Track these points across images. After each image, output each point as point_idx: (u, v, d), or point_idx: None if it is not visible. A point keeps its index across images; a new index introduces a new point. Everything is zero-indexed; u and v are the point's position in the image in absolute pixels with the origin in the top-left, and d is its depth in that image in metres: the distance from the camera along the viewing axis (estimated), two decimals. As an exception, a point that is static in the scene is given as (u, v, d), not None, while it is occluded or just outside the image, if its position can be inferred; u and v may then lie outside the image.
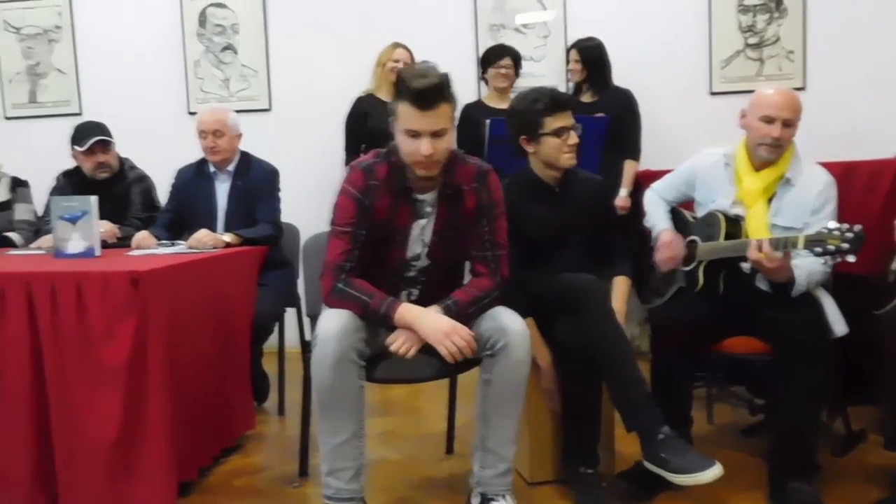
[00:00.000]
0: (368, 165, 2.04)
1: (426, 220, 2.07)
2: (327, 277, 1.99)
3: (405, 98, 1.90)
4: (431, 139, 1.90)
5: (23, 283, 2.14)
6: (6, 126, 4.47)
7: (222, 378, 2.56)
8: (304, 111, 4.31)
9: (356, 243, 2.00)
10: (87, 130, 3.22)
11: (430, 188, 2.05)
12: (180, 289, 2.29)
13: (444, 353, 1.89)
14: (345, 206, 2.01)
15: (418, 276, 2.12)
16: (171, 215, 3.16)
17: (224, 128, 3.09)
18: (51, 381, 2.13)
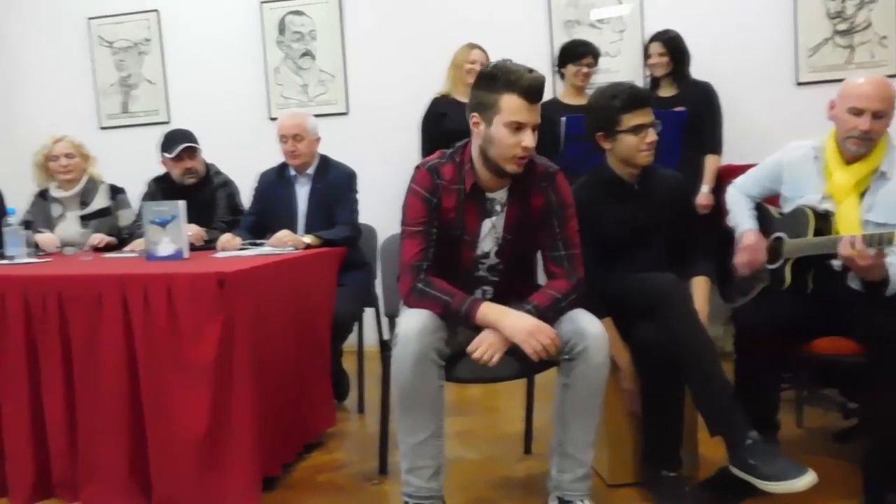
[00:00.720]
0: (433, 165, 2.05)
1: (496, 219, 2.06)
2: (406, 278, 2.00)
3: (513, 91, 1.89)
4: (532, 132, 1.92)
5: (118, 285, 2.24)
6: (101, 136, 4.70)
7: (304, 376, 2.62)
8: (381, 114, 4.37)
9: (429, 242, 2.01)
10: (176, 138, 3.35)
11: (499, 186, 2.04)
12: (264, 289, 2.35)
13: (528, 351, 1.88)
14: (414, 206, 2.02)
15: (488, 274, 2.11)
16: (254, 218, 3.25)
17: (303, 132, 3.16)
18: (144, 377, 2.23)
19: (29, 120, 4.82)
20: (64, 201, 3.47)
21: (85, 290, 2.27)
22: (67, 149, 3.43)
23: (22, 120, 4.86)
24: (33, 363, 2.33)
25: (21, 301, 2.32)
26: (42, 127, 4.58)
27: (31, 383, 2.33)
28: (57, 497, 2.37)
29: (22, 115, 4.87)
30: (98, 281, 2.27)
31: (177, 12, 4.64)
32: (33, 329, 2.32)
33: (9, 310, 2.33)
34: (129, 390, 2.25)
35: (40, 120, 4.76)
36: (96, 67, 4.77)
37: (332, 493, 2.38)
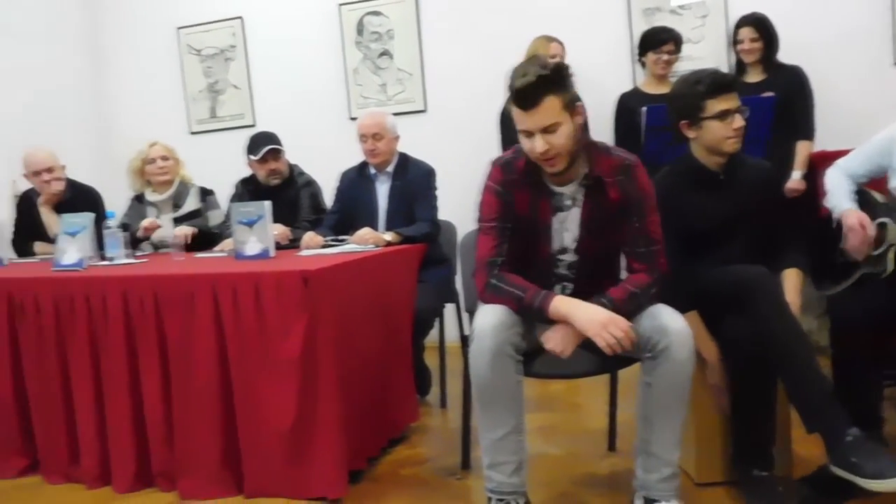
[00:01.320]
0: (507, 161, 2.03)
1: (567, 213, 2.03)
2: (480, 274, 2.00)
3: (512, 100, 1.88)
4: (543, 136, 1.87)
5: (209, 284, 2.33)
6: (191, 140, 4.89)
7: (387, 371, 2.65)
8: (459, 110, 4.38)
9: (504, 238, 2.00)
10: (260, 140, 3.45)
11: (567, 181, 2.01)
12: (346, 286, 2.40)
13: (601, 344, 1.84)
14: (489, 202, 2.02)
15: (568, 271, 2.08)
16: (337, 216, 3.32)
17: (383, 131, 3.20)
18: (234, 372, 2.31)
19: (123, 128, 5.07)
20: (158, 204, 3.63)
21: (178, 289, 2.36)
22: (162, 152, 3.61)
23: (117, 128, 5.11)
24: (132, 359, 2.45)
25: (121, 300, 2.44)
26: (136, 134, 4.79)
27: (131, 378, 2.45)
28: (156, 486, 2.48)
29: (117, 124, 5.12)
30: (191, 280, 2.36)
31: (259, 18, 4.78)
32: (132, 326, 2.44)
33: (109, 308, 2.45)
34: (221, 385, 2.33)
35: (134, 128, 5.00)
36: (185, 75, 4.97)
37: (415, 487, 2.40)
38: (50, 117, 4.69)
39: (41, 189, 3.60)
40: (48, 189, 3.57)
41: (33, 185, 3.65)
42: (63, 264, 2.81)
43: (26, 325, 2.60)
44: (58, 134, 4.49)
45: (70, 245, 2.86)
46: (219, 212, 3.66)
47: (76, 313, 2.51)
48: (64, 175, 3.64)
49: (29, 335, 2.60)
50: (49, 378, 2.58)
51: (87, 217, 2.97)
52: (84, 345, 2.50)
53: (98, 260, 3.00)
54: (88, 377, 2.51)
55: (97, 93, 5.13)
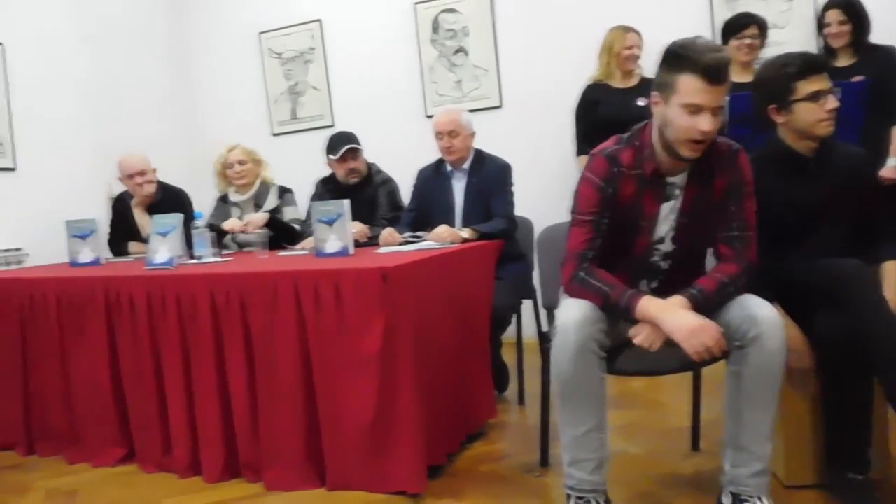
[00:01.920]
0: (611, 152, 1.99)
1: (674, 202, 1.98)
2: (569, 265, 1.97)
3: (691, 70, 1.80)
4: (712, 116, 1.82)
5: (291, 281, 2.39)
6: (273, 141, 5.02)
7: (465, 367, 2.66)
8: (534, 105, 4.34)
9: (598, 232, 1.97)
10: (339, 140, 3.52)
11: (680, 170, 1.96)
12: (424, 282, 2.41)
13: (690, 352, 1.79)
14: (587, 195, 1.98)
15: (661, 261, 2.04)
16: (414, 213, 3.35)
17: (458, 128, 3.20)
18: (316, 367, 2.36)
19: (209, 131, 5.25)
20: (241, 205, 3.75)
21: (262, 287, 2.43)
22: (240, 156, 3.72)
23: (203, 131, 5.29)
24: (220, 354, 2.53)
25: (208, 297, 2.53)
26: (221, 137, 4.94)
27: (219, 372, 2.54)
28: (243, 477, 2.56)
29: (203, 127, 5.31)
30: (273, 278, 2.42)
31: (337, 20, 4.86)
32: (219, 322, 2.52)
33: (198, 305, 2.55)
34: (304, 379, 2.39)
35: (219, 130, 5.17)
36: (267, 78, 5.10)
37: (494, 483, 2.40)
38: (141, 122, 4.90)
39: (134, 191, 3.77)
40: (141, 191, 3.74)
41: (127, 188, 3.83)
42: (155, 263, 2.93)
43: (122, 321, 2.73)
44: (148, 138, 4.69)
45: (161, 245, 2.98)
46: (293, 208, 3.75)
47: (167, 310, 2.62)
48: (155, 178, 3.80)
49: (124, 331, 2.72)
50: (143, 372, 2.70)
51: (177, 217, 3.08)
52: (175, 340, 2.61)
53: (187, 259, 3.12)
54: (179, 371, 2.61)
55: (184, 98, 5.33)
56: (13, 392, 3.03)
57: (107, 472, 2.77)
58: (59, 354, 2.90)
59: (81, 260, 3.35)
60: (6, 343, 3.03)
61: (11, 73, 4.19)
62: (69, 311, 2.85)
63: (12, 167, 4.16)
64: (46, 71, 4.40)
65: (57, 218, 3.64)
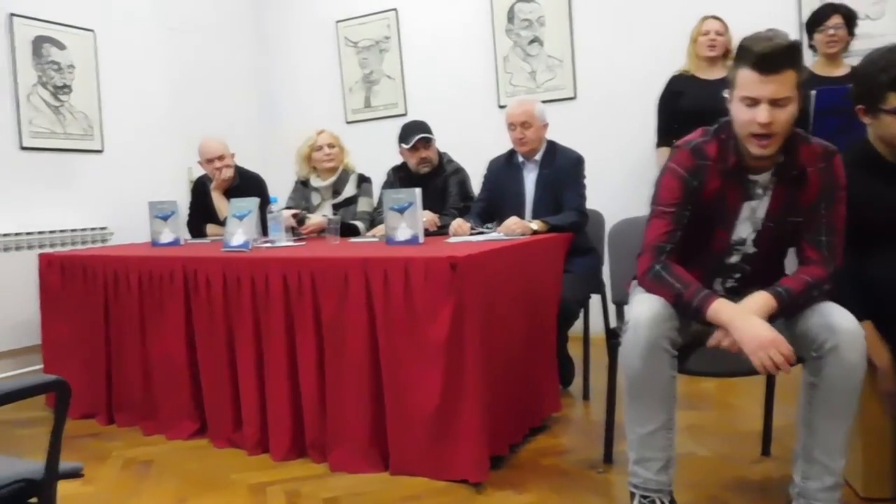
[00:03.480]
0: (697, 145, 1.95)
1: (757, 202, 1.93)
2: (646, 257, 1.95)
3: (746, 62, 1.77)
4: (770, 108, 1.76)
5: (361, 267, 2.43)
6: (347, 129, 5.09)
7: (531, 360, 2.65)
8: (609, 97, 4.28)
9: (678, 225, 1.93)
10: (412, 129, 3.55)
11: (764, 168, 1.90)
12: (493, 273, 2.41)
13: (756, 364, 1.74)
14: (670, 186, 1.94)
15: (740, 262, 1.99)
16: (484, 204, 3.35)
17: (531, 119, 3.18)
18: (383, 352, 2.39)
19: (285, 118, 5.37)
20: (321, 190, 3.82)
21: (333, 271, 2.48)
22: (329, 139, 3.79)
23: (279, 118, 5.41)
24: (290, 335, 2.60)
25: (281, 280, 2.59)
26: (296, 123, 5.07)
27: (289, 353, 2.60)
28: (309, 457, 2.62)
29: (279, 114, 5.43)
30: (344, 263, 2.47)
31: (413, 10, 4.90)
32: (291, 304, 2.59)
33: (271, 288, 2.62)
34: (371, 364, 2.43)
35: (294, 117, 5.28)
36: (343, 66, 5.18)
37: (556, 477, 2.39)
38: (221, 109, 5.06)
39: (213, 175, 3.89)
40: (219, 175, 3.86)
41: (206, 172, 3.95)
42: (231, 245, 3.03)
43: (199, 300, 2.83)
44: (227, 124, 4.85)
45: (237, 227, 3.07)
46: (368, 200, 3.80)
47: (242, 291, 2.70)
48: (233, 163, 3.91)
49: (201, 309, 2.82)
50: (217, 350, 2.79)
51: (253, 202, 3.17)
52: (248, 321, 2.69)
53: (262, 242, 3.20)
54: (251, 350, 2.69)
55: (262, 86, 5.47)
56: (96, 364, 3.18)
57: (180, 445, 2.88)
58: (139, 330, 3.03)
59: (162, 240, 3.48)
60: (91, 317, 3.18)
61: (102, 58, 4.38)
62: (149, 289, 2.97)
63: (100, 149, 4.36)
64: (134, 57, 4.58)
65: (140, 199, 3.82)
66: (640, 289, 1.98)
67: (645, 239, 1.97)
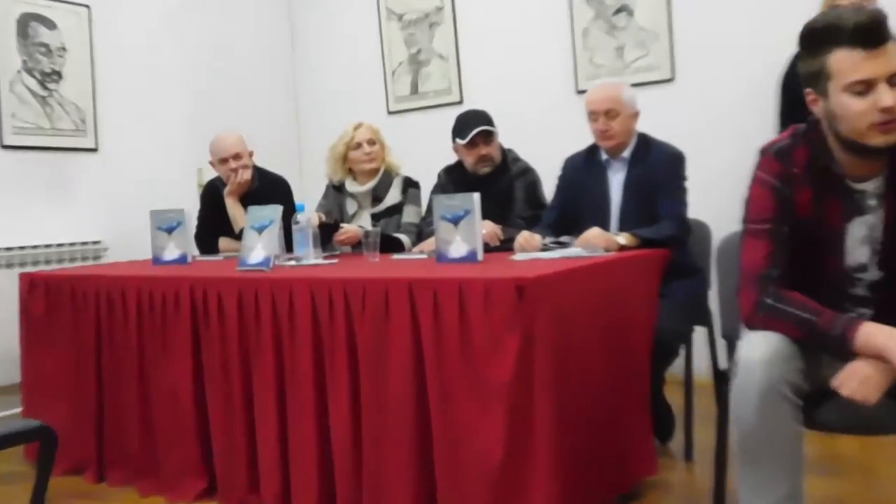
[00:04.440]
0: (783, 149, 1.95)
1: (870, 217, 1.90)
2: (749, 290, 1.93)
3: (840, 43, 1.77)
4: (889, 87, 1.75)
5: (406, 290, 2.44)
6: (389, 122, 5.16)
7: (617, 408, 2.63)
8: (717, 79, 4.24)
9: (780, 244, 1.92)
10: (469, 121, 3.58)
11: (871, 174, 1.88)
12: (570, 299, 2.41)
13: None
14: (760, 197, 1.95)
15: (867, 292, 1.96)
16: (558, 212, 3.35)
17: (618, 106, 3.17)
18: (432, 393, 2.40)
19: (314, 107, 5.46)
20: (359, 197, 3.87)
21: (372, 296, 2.50)
22: (368, 134, 3.85)
23: (307, 107, 5.51)
24: (319, 374, 2.63)
25: (309, 307, 2.63)
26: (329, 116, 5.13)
27: (318, 395, 2.63)
28: (342, 521, 2.64)
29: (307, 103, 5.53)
30: (386, 285, 2.49)
31: (471, -26, 4.95)
32: (320, 337, 2.62)
33: (297, 316, 2.66)
34: (417, 409, 2.43)
35: (327, 108, 5.37)
36: (385, 44, 5.25)
37: (651, 557, 2.36)
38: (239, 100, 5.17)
39: (227, 178, 3.98)
40: (235, 178, 3.93)
41: (219, 174, 4.04)
42: (248, 263, 3.08)
43: (209, 330, 2.89)
44: (246, 117, 4.94)
45: (256, 242, 3.13)
46: (415, 208, 3.85)
47: (261, 320, 2.74)
48: (252, 163, 3.99)
49: (212, 342, 2.88)
50: (230, 390, 2.84)
51: (276, 210, 3.21)
52: (268, 356, 2.73)
53: (286, 259, 3.26)
54: (272, 392, 2.73)
55: (287, 70, 5.58)
56: (86, 407, 3.27)
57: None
58: (137, 366, 3.10)
59: (166, 257, 3.57)
60: (80, 350, 3.28)
61: (98, 40, 4.52)
62: (150, 317, 3.05)
63: (94, 147, 4.49)
64: (136, 39, 4.72)
65: (141, 207, 3.90)
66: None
67: (742, 268, 1.96)
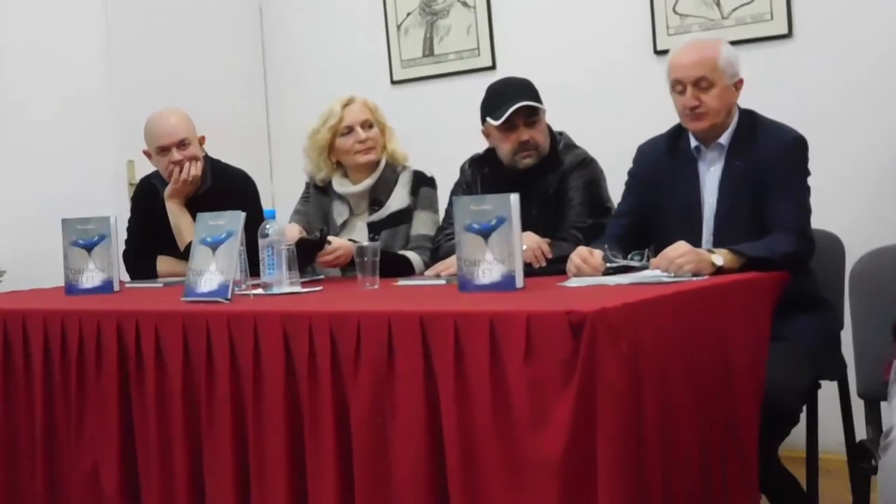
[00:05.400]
0: None
1: None
2: None
3: None
4: None
5: (417, 328, 2.44)
6: (394, 95, 5.19)
7: (711, 491, 2.62)
8: (851, 35, 4.22)
9: None
10: (505, 93, 3.58)
11: None
12: (645, 340, 2.40)
13: None
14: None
15: None
16: (629, 220, 3.36)
17: (712, 73, 3.17)
18: (452, 469, 2.38)
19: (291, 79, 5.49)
20: (351, 200, 3.88)
21: (370, 336, 2.50)
22: (363, 114, 3.85)
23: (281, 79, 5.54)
24: (295, 442, 2.63)
25: (281, 350, 2.63)
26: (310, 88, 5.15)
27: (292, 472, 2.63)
28: None
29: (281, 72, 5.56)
30: (387, 322, 2.48)
31: None
32: (297, 392, 2.62)
33: (266, 363, 2.66)
34: (431, 494, 2.43)
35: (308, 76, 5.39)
36: (389, -9, 5.29)
37: None
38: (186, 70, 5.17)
39: (169, 174, 3.99)
40: (179, 174, 3.95)
41: (158, 168, 4.06)
42: (199, 293, 3.08)
43: (143, 388, 2.89)
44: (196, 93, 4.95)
45: (209, 262, 3.12)
46: (429, 214, 3.85)
47: (215, 371, 2.75)
48: (203, 153, 4.01)
49: (146, 404, 2.89)
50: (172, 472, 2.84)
51: (235, 219, 3.18)
52: (225, 421, 2.73)
53: (248, 287, 3.25)
54: (229, 472, 2.73)
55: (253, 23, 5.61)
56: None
57: None
58: (42, 440, 3.11)
59: (84, 284, 3.59)
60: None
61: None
62: (62, 367, 3.06)
63: (-15, 136, 4.53)
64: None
65: (50, 217, 3.89)
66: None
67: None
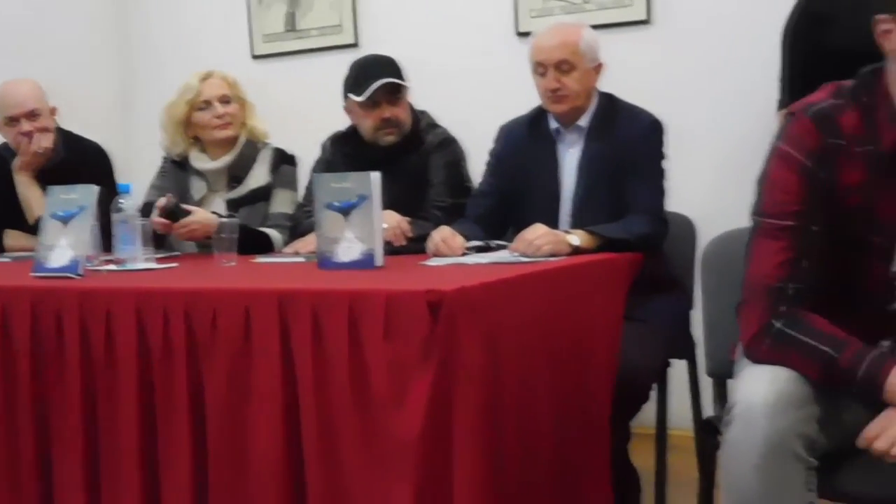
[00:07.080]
0: (822, 111, 2.00)
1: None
2: (754, 308, 2.00)
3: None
4: None
5: (275, 307, 2.40)
6: (254, 69, 5.12)
7: (565, 466, 2.65)
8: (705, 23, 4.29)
9: (804, 247, 1.97)
10: (368, 71, 3.56)
11: None
12: (502, 321, 2.41)
13: None
14: (783, 182, 2.00)
15: None
16: (490, 201, 3.37)
17: (574, 56, 3.20)
18: (310, 449, 2.37)
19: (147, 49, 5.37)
20: (209, 176, 3.83)
21: (227, 315, 2.46)
22: (221, 89, 3.82)
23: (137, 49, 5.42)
24: (148, 425, 2.57)
25: (134, 329, 2.57)
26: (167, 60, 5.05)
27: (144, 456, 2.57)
28: None
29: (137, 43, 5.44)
30: (244, 300, 2.45)
31: None
32: (150, 373, 2.56)
33: (117, 342, 2.60)
34: (288, 475, 2.40)
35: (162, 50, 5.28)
36: (249, -38, 5.21)
37: None
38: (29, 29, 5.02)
39: (17, 145, 3.91)
40: (29, 146, 3.86)
41: (6, 140, 3.95)
42: (48, 268, 3.00)
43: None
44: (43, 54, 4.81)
45: (59, 236, 3.05)
46: (288, 194, 3.83)
47: (65, 350, 2.67)
48: (54, 124, 3.91)
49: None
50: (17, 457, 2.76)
51: (88, 192, 3.13)
52: (74, 401, 2.66)
53: (101, 262, 3.20)
54: (77, 455, 2.66)
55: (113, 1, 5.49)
56: None
57: None
58: None
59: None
60: None
61: None
62: None
63: None
64: None
65: None
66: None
67: (747, 277, 2.02)
